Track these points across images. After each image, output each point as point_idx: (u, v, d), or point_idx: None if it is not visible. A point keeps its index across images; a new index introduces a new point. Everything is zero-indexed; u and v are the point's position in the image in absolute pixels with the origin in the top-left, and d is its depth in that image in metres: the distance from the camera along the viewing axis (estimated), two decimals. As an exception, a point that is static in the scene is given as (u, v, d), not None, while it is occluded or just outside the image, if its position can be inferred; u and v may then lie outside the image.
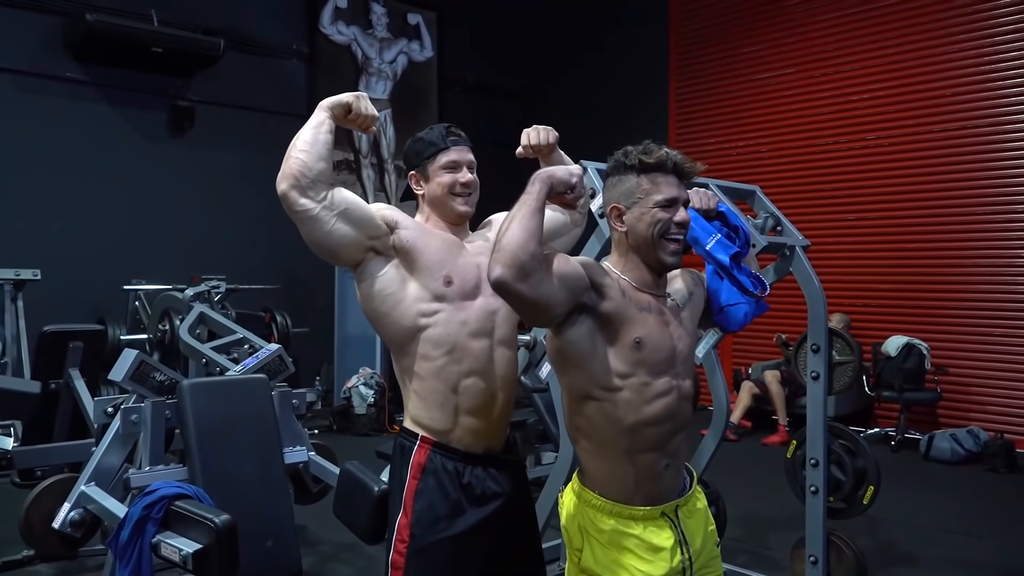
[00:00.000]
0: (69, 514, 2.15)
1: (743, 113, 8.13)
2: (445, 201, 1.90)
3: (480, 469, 1.83)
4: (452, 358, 1.80)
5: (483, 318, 1.85)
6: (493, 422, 1.87)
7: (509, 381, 1.90)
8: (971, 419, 6.48)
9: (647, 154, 1.66)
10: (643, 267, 1.69)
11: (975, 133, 6.64)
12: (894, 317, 7.02)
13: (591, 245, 3.03)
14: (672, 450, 1.68)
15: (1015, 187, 6.45)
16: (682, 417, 1.69)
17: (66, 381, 3.39)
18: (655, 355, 1.62)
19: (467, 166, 1.93)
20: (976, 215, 6.64)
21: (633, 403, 1.60)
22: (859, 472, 3.40)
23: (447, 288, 1.81)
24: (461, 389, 1.81)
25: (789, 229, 3.40)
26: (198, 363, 3.98)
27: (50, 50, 6.71)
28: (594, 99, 9.19)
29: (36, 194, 6.63)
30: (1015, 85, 6.44)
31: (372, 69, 8.88)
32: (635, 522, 1.62)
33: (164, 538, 1.87)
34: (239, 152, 7.75)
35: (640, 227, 1.66)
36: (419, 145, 1.94)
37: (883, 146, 7.17)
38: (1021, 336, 6.41)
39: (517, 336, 1.96)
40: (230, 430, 2.23)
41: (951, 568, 3.86)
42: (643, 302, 1.65)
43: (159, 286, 5.88)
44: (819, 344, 3.28)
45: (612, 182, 1.73)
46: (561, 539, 3.53)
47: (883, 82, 7.15)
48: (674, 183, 1.67)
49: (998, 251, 6.54)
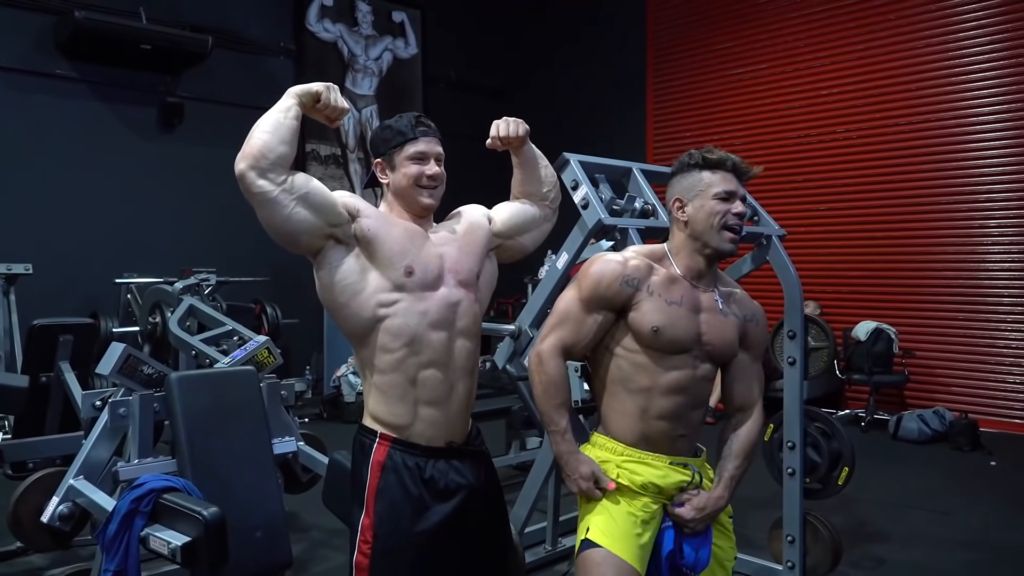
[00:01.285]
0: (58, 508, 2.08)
1: (718, 107, 8.12)
2: (410, 192, 1.80)
3: (442, 462, 1.75)
4: (411, 350, 1.72)
5: (444, 309, 1.75)
6: (453, 414, 1.78)
7: (469, 373, 1.81)
8: (937, 400, 6.52)
9: (709, 153, 1.80)
10: (697, 255, 1.80)
11: (940, 127, 6.66)
12: (863, 303, 7.05)
13: (573, 236, 2.99)
14: (689, 423, 1.80)
15: (978, 179, 6.47)
16: (698, 394, 1.79)
17: (57, 374, 3.30)
18: (673, 339, 1.73)
19: (435, 158, 1.83)
20: (941, 205, 6.66)
21: (648, 369, 1.74)
22: (834, 454, 3.39)
23: (408, 279, 1.72)
24: (420, 381, 1.73)
25: (766, 219, 3.38)
26: (188, 355, 3.92)
27: (40, 48, 6.59)
28: (574, 94, 9.16)
29: (28, 189, 6.52)
30: (979, 80, 6.46)
31: (358, 66, 8.78)
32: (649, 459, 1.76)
33: (153, 531, 1.81)
34: (228, 147, 7.48)
35: (700, 216, 1.77)
36: (387, 133, 1.83)
37: (852, 139, 7.18)
38: (984, 321, 6.46)
39: (480, 328, 1.86)
40: (219, 422, 2.17)
41: (920, 543, 3.86)
42: (678, 296, 1.76)
43: (150, 279, 5.78)
44: (795, 331, 3.26)
45: (676, 179, 1.84)
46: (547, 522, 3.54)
47: (852, 77, 7.16)
48: (732, 180, 1.78)
49: (962, 240, 6.57)
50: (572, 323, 1.76)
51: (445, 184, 1.86)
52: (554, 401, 1.75)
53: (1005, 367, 6.35)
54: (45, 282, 5.96)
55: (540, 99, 9.49)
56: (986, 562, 3.62)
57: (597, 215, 2.81)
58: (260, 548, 2.10)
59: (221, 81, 7.55)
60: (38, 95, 6.60)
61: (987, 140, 6.43)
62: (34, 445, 2.95)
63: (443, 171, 1.85)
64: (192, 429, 2.10)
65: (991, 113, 6.41)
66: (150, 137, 7.23)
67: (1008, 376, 6.33)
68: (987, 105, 6.42)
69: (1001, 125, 6.36)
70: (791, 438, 3.24)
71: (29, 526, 2.65)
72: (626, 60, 8.84)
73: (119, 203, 6.97)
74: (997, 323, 6.39)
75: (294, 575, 3.27)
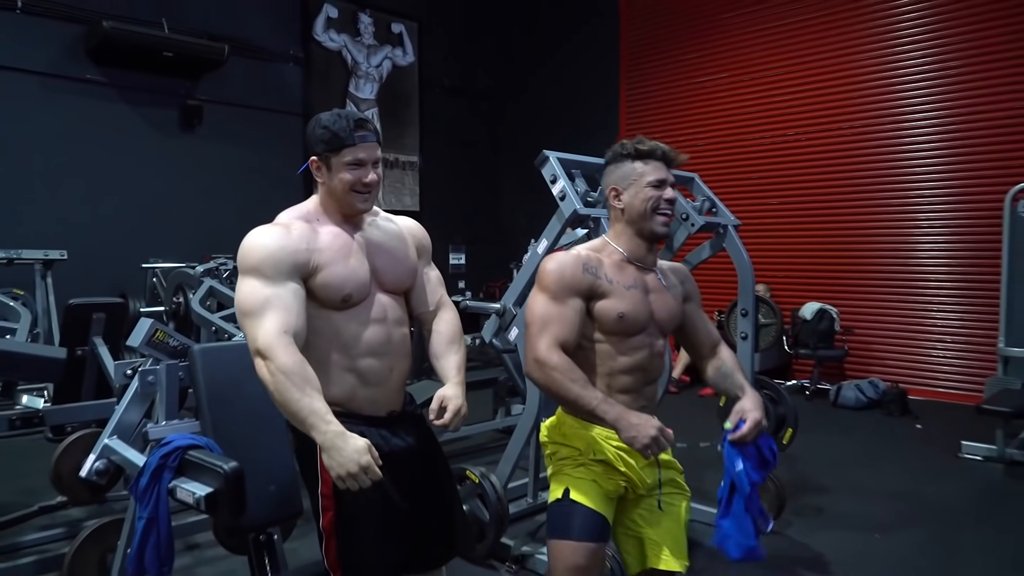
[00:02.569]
0: (95, 464, 2.09)
1: (684, 110, 8.15)
2: (345, 197, 1.65)
3: (385, 429, 1.69)
4: (343, 343, 1.65)
5: (376, 310, 1.69)
6: (390, 390, 1.73)
7: (403, 355, 1.75)
8: (872, 371, 6.62)
9: (641, 144, 1.75)
10: (636, 239, 1.75)
11: (878, 130, 6.72)
12: (810, 286, 7.12)
13: (552, 226, 3.01)
14: (647, 396, 1.75)
15: (911, 177, 6.55)
16: (653, 369, 1.75)
17: (91, 348, 3.30)
18: (635, 321, 1.69)
19: (372, 164, 1.65)
20: (879, 199, 6.73)
21: (610, 353, 1.69)
22: (780, 417, 3.45)
23: (344, 304, 1.65)
24: (358, 369, 1.67)
25: (723, 211, 3.42)
26: (209, 331, 3.92)
27: (72, 55, 6.53)
28: (556, 98, 9.14)
29: (62, 184, 6.47)
30: (911, 91, 6.53)
31: (360, 72, 8.71)
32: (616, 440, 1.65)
33: (179, 483, 1.81)
34: (242, 145, 7.60)
35: (635, 203, 1.72)
36: (324, 134, 1.62)
37: (801, 140, 7.23)
38: (915, 302, 6.56)
39: (407, 314, 1.80)
40: (236, 389, 2.17)
41: (854, 495, 3.94)
42: (629, 280, 1.71)
43: (173, 264, 5.76)
44: (747, 309, 3.31)
45: (611, 169, 1.79)
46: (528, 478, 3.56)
47: (802, 86, 7.20)
48: (663, 168, 1.74)
49: (896, 230, 6.65)
50: (555, 320, 1.63)
51: (381, 185, 1.75)
52: (576, 386, 1.59)
53: (932, 343, 6.45)
54: (78, 267, 5.92)
55: (525, 102, 9.49)
56: (908, 510, 3.71)
57: (573, 206, 2.84)
58: (274, 500, 2.11)
59: (236, 85, 7.50)
60: (70, 97, 6.53)
61: (917, 143, 6.50)
62: (72, 410, 2.96)
63: (380, 175, 1.69)
64: (213, 395, 2.11)
65: (921, 119, 6.47)
66: (172, 136, 7.18)
67: (934, 350, 6.44)
68: (918, 112, 6.49)
69: (930, 130, 6.43)
70: (742, 403, 3.30)
71: (69, 480, 2.67)
72: (603, 68, 8.83)
73: (144, 196, 6.94)
74: (926, 304, 6.49)
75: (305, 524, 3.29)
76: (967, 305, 6.26)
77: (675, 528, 1.75)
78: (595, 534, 1.63)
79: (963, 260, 6.28)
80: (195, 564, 2.98)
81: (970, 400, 4.84)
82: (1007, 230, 5.09)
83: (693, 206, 3.30)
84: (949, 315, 6.36)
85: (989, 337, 5.85)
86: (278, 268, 1.57)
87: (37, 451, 4.10)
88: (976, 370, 6.10)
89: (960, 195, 6.28)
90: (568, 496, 1.65)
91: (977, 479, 4.22)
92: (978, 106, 6.17)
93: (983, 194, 6.08)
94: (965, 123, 6.24)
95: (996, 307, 5.31)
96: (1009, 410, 4.35)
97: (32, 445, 4.32)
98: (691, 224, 3.18)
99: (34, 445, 4.28)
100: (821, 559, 3.09)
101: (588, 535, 1.62)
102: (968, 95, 6.22)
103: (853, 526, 3.47)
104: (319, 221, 1.69)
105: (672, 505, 1.76)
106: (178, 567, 2.38)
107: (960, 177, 6.28)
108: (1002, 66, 6.04)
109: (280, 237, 1.60)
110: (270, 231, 1.62)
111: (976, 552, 3.19)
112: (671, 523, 1.75)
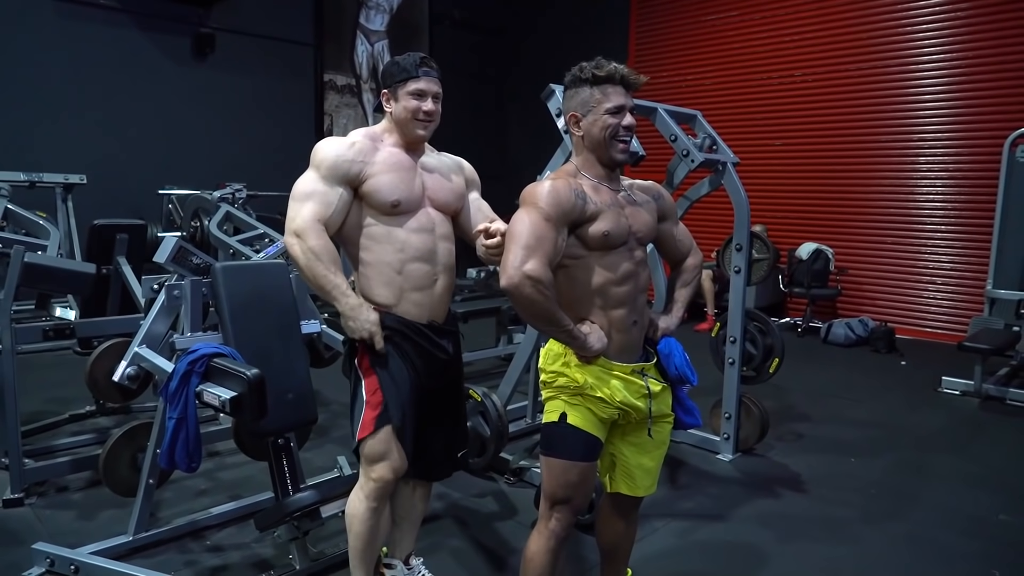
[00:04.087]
0: (126, 370, 2.19)
1: (693, 49, 8.00)
2: (407, 124, 1.85)
3: (425, 332, 1.87)
4: (395, 247, 1.82)
5: (424, 221, 1.86)
6: (435, 298, 1.89)
7: (448, 268, 1.91)
8: (863, 311, 6.73)
9: (599, 68, 1.67)
10: (598, 165, 1.71)
11: (883, 73, 6.61)
12: (807, 227, 7.16)
13: (556, 158, 3.05)
14: (639, 308, 1.74)
15: (913, 121, 6.49)
16: (641, 277, 1.74)
17: (115, 267, 3.39)
18: (617, 236, 1.67)
19: (432, 96, 1.85)
20: (879, 143, 6.69)
21: (595, 268, 1.67)
22: (768, 347, 3.54)
23: (393, 209, 1.82)
24: (405, 272, 1.83)
25: (723, 148, 3.44)
26: (226, 254, 4.00)
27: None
28: (565, 32, 8.95)
29: (79, 110, 6.46)
30: (920, 35, 6.40)
31: (371, 3, 8.53)
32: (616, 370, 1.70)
33: (206, 387, 1.91)
34: (255, 75, 7.53)
35: (594, 131, 1.67)
36: (394, 68, 1.86)
37: (808, 82, 7.12)
38: (908, 244, 6.60)
39: (453, 233, 1.97)
40: (256, 304, 2.26)
41: (834, 423, 4.09)
42: (607, 200, 1.68)
43: (189, 191, 5.80)
44: (742, 244, 3.38)
45: (570, 94, 1.73)
46: (527, 401, 3.68)
47: (811, 27, 7.06)
48: (622, 93, 1.68)
49: (894, 174, 6.63)
50: (548, 240, 1.58)
51: (440, 118, 1.89)
52: (556, 307, 1.61)
53: (923, 284, 6.53)
54: (97, 191, 5.98)
55: (534, 37, 9.30)
56: (884, 437, 3.86)
57: (576, 139, 2.86)
58: (291, 407, 2.22)
59: (248, 14, 7.38)
60: (84, 23, 6.45)
61: (921, 87, 6.41)
62: (100, 324, 3.07)
63: (438, 108, 1.87)
64: (234, 309, 2.19)
65: (926, 63, 6.37)
66: (186, 63, 7.11)
67: (924, 291, 6.52)
68: (923, 56, 6.38)
69: (934, 74, 6.34)
70: (733, 333, 3.41)
71: (103, 384, 2.82)
72: (613, 5, 8.62)
73: (158, 124, 6.92)
74: (919, 247, 6.53)
75: (317, 438, 3.46)
76: (959, 248, 6.30)
77: (657, 457, 1.84)
78: (587, 454, 1.70)
79: (959, 204, 6.28)
80: (216, 469, 3.15)
81: (956, 339, 4.94)
82: (1004, 175, 5.09)
83: (694, 143, 3.32)
84: (941, 257, 6.41)
85: (978, 279, 5.93)
86: (332, 172, 1.79)
87: (65, 365, 4.27)
88: (963, 311, 6.20)
89: (960, 140, 6.24)
90: (564, 419, 1.69)
91: (952, 411, 4.37)
92: (983, 52, 6.06)
93: (983, 139, 6.04)
94: (969, 68, 6.14)
95: (987, 250, 5.36)
96: (988, 347, 4.46)
97: (60, 359, 4.50)
98: (691, 160, 3.21)
99: (61, 359, 4.45)
100: (797, 478, 3.25)
101: (580, 455, 1.69)
102: (974, 41, 6.10)
103: (830, 450, 3.63)
104: (383, 142, 1.89)
105: (660, 432, 1.82)
106: (201, 470, 2.54)
107: (961, 122, 6.22)
108: (1008, 12, 5.91)
109: (342, 148, 1.81)
110: (336, 142, 1.83)
111: (942, 474, 3.34)
112: (656, 452, 1.82)
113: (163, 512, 2.69)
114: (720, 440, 3.50)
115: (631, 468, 1.81)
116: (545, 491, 1.74)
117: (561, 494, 1.70)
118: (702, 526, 2.76)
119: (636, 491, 1.83)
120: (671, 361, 1.83)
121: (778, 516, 2.86)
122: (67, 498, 2.83)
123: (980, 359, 4.52)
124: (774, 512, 2.89)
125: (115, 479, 2.58)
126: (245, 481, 3.00)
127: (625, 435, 1.80)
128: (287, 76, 7.80)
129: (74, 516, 2.68)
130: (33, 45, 6.20)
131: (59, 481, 2.93)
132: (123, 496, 2.58)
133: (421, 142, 1.92)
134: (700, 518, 2.82)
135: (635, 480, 1.82)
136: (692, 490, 3.09)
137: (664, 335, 1.85)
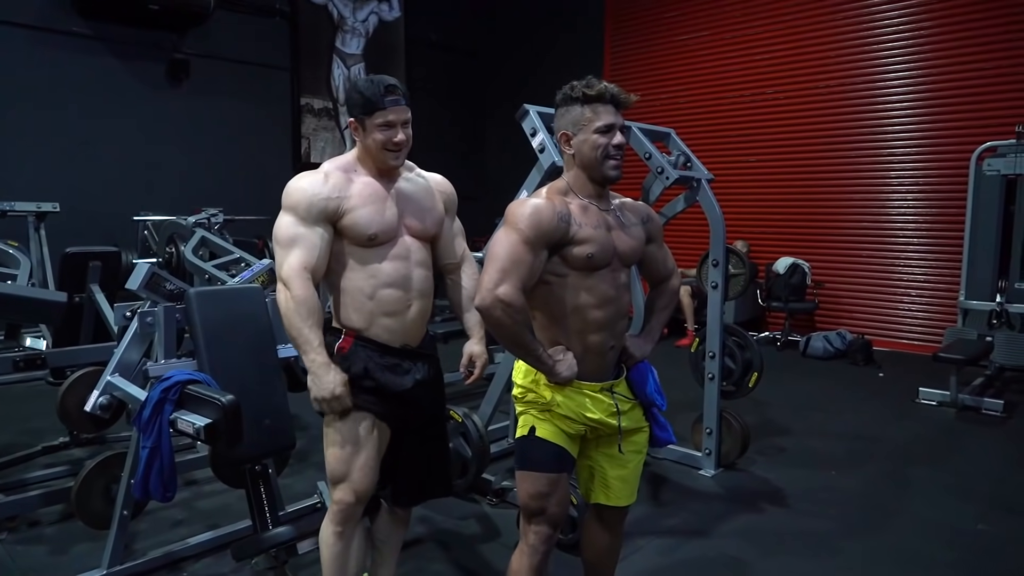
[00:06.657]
0: (98, 399, 2.16)
1: (665, 68, 8.13)
2: (379, 154, 1.81)
3: (394, 359, 1.84)
4: (367, 274, 1.80)
5: (400, 250, 1.84)
6: (408, 323, 1.85)
7: (423, 293, 1.88)
8: (840, 324, 6.80)
9: (589, 87, 1.69)
10: (589, 183, 1.72)
11: (852, 90, 6.76)
12: (783, 242, 7.25)
13: (532, 177, 3.07)
14: (617, 334, 1.75)
15: (883, 137, 6.62)
16: (622, 302, 1.75)
17: (88, 295, 3.34)
18: (601, 259, 1.68)
19: (402, 124, 1.79)
20: (852, 158, 6.81)
21: (577, 287, 1.68)
22: (746, 362, 3.56)
23: (370, 242, 1.80)
24: (377, 297, 1.81)
25: (697, 165, 3.48)
26: (202, 279, 3.96)
27: (58, 6, 6.39)
28: (539, 54, 9.03)
29: (53, 137, 6.41)
30: (886, 51, 6.56)
31: (347, 27, 8.58)
32: (585, 389, 1.72)
33: (180, 415, 1.88)
34: (230, 100, 7.52)
35: (585, 149, 1.69)
36: (359, 98, 1.78)
37: (779, 99, 7.26)
38: (883, 258, 6.71)
39: (431, 259, 1.94)
40: (231, 330, 2.23)
41: (814, 436, 4.12)
42: (594, 221, 1.69)
43: (164, 216, 5.75)
44: (718, 259, 3.41)
45: (560, 112, 1.74)
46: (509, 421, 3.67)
47: (780, 45, 7.21)
48: (612, 111, 1.69)
49: (866, 189, 6.75)
50: (524, 264, 1.60)
51: (412, 140, 1.85)
52: (528, 332, 1.65)
53: (898, 297, 6.63)
54: (69, 220, 5.90)
55: (509, 59, 9.39)
56: (864, 449, 3.89)
57: (552, 158, 2.90)
58: (268, 433, 2.18)
59: (223, 39, 7.38)
60: (58, 51, 6.43)
61: (890, 103, 6.56)
62: (72, 353, 3.02)
63: (409, 133, 1.83)
64: (209, 334, 2.16)
65: (894, 80, 6.53)
66: (161, 89, 7.09)
67: (899, 304, 6.62)
68: (891, 73, 6.54)
69: (902, 90, 6.49)
70: (712, 348, 3.43)
71: (75, 414, 2.76)
72: (587, 26, 8.74)
73: (133, 150, 6.88)
74: (893, 260, 6.64)
75: (297, 463, 3.41)
76: (932, 261, 6.41)
77: (633, 466, 1.84)
78: (556, 465, 1.72)
79: (930, 217, 6.41)
80: (193, 498, 3.10)
81: (931, 351, 5.01)
82: (971, 188, 5.21)
83: (669, 160, 3.36)
84: (915, 270, 6.52)
85: (951, 291, 6.03)
86: (310, 211, 1.77)
87: (37, 396, 4.18)
88: (938, 322, 6.29)
89: (929, 155, 6.38)
90: (533, 433, 1.72)
91: (930, 422, 4.42)
92: (949, 68, 6.23)
93: (951, 154, 6.18)
94: (936, 84, 6.31)
95: (958, 263, 5.46)
96: (962, 358, 4.53)
97: (32, 391, 4.41)
98: (666, 178, 3.25)
99: (33, 391, 4.36)
100: (780, 492, 3.26)
101: (549, 467, 1.72)
102: (940, 57, 6.27)
103: (811, 463, 3.65)
104: (356, 172, 1.85)
105: (635, 443, 1.83)
106: (177, 500, 2.48)
107: (930, 137, 6.37)
108: (973, 29, 6.09)
109: (315, 186, 1.79)
110: (309, 178, 1.81)
111: (921, 485, 3.37)
112: (632, 463, 1.83)
113: (138, 544, 2.63)
114: (702, 456, 3.51)
115: (608, 479, 1.83)
116: (521, 506, 1.77)
117: (534, 505, 1.72)
118: (686, 543, 2.75)
119: (613, 501, 1.84)
120: (642, 389, 1.83)
121: (761, 531, 2.86)
122: (39, 532, 2.76)
123: (955, 369, 4.58)
124: (757, 527, 2.90)
125: (88, 512, 2.52)
126: (223, 510, 2.95)
127: (599, 447, 1.82)
128: (263, 100, 7.79)
129: (47, 551, 2.61)
130: (6, 72, 6.16)
131: (31, 515, 2.86)
132: (97, 529, 2.52)
133: (395, 170, 1.89)
134: (683, 535, 2.82)
135: (612, 490, 1.83)
136: (675, 507, 3.09)
137: (637, 363, 1.85)
